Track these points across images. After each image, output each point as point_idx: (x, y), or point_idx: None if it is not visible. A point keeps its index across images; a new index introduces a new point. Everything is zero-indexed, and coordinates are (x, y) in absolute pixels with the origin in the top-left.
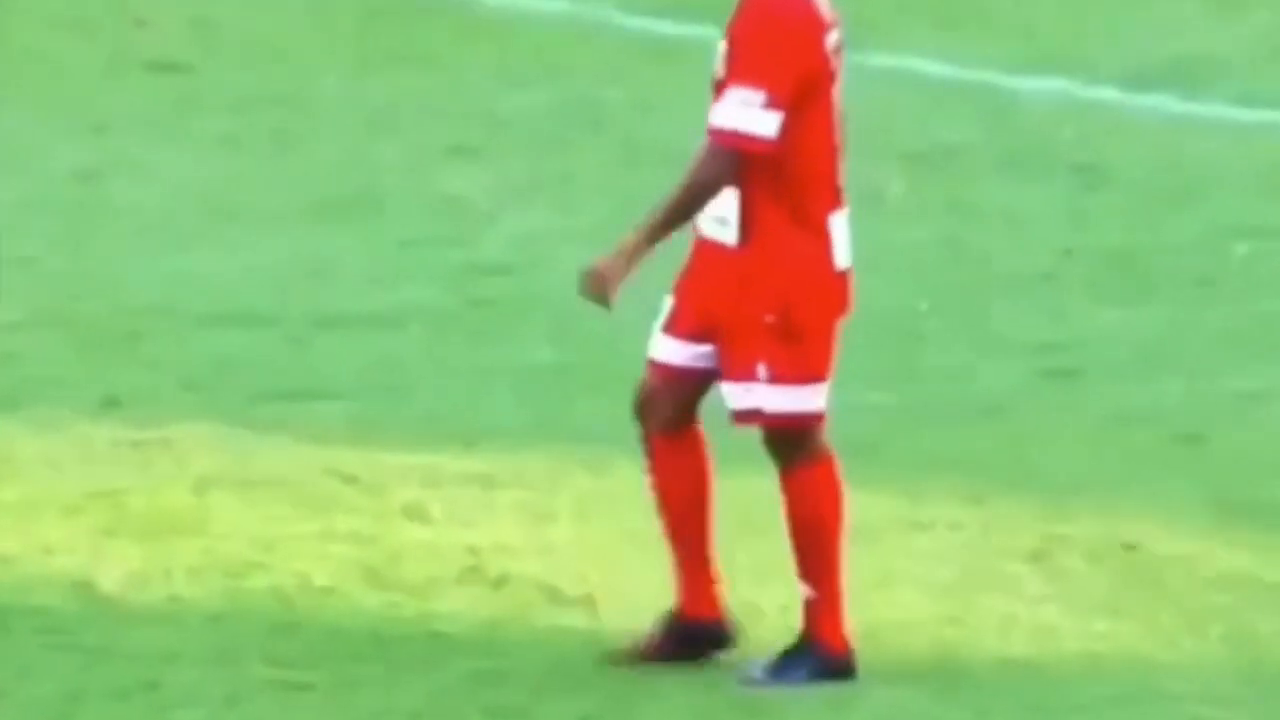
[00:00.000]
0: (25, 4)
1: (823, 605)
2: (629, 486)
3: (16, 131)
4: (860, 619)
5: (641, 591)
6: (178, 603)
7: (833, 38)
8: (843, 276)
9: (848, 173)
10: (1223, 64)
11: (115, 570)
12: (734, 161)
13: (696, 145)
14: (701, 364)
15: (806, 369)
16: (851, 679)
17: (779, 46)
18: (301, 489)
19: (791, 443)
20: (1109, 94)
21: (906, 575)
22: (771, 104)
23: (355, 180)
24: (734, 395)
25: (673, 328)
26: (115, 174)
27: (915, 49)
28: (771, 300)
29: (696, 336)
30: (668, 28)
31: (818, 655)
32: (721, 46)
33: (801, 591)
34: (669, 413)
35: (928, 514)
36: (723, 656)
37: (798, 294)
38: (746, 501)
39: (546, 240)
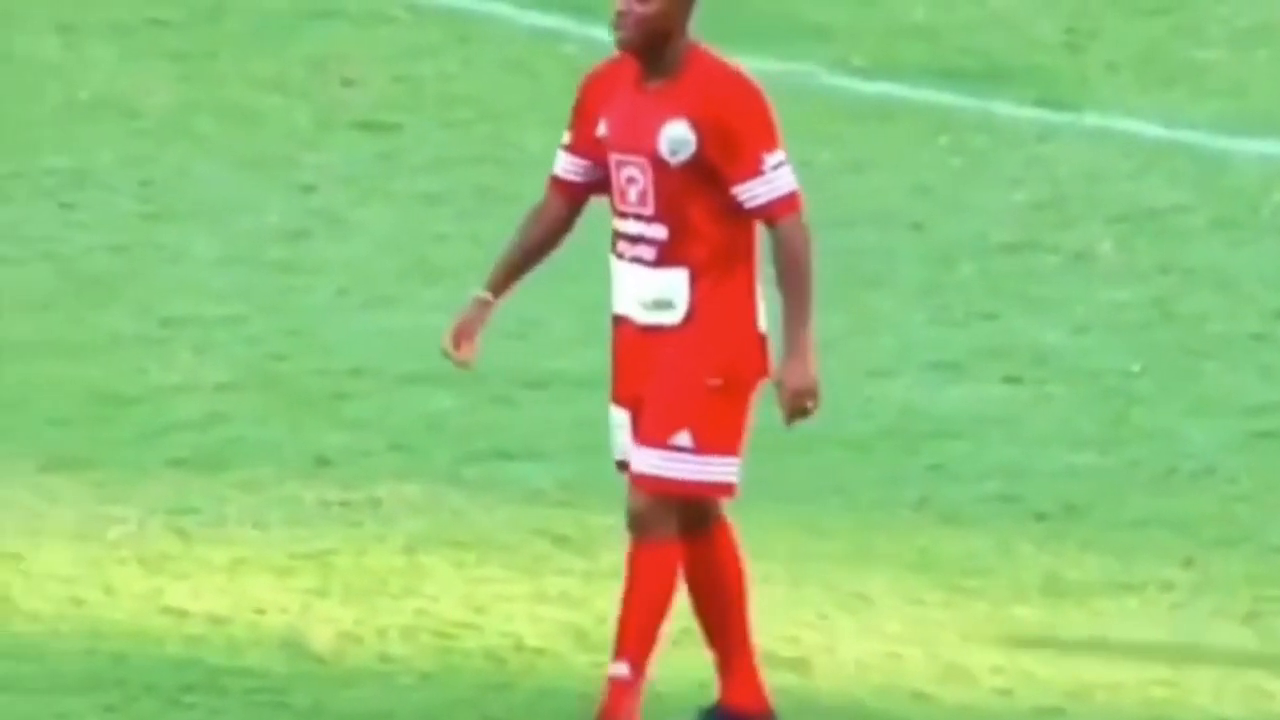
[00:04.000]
0: (235, 64)
1: (633, 685)
2: (841, 547)
3: (225, 190)
4: (1071, 679)
5: (855, 654)
6: (389, 663)
7: None
8: (765, 339)
9: (1059, 233)
10: None
11: (326, 631)
12: (805, 218)
13: (905, 204)
14: None
15: (727, 441)
16: None
17: (770, 109)
18: (512, 550)
19: (674, 513)
20: None
21: (1117, 636)
22: (788, 159)
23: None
24: (649, 461)
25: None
26: (321, 232)
27: (1126, 109)
28: (716, 365)
29: None
30: (876, 88)
31: None
32: (678, 132)
33: (615, 670)
34: (686, 515)
35: (1139, 575)
36: None
37: (741, 359)
38: (955, 564)
39: None
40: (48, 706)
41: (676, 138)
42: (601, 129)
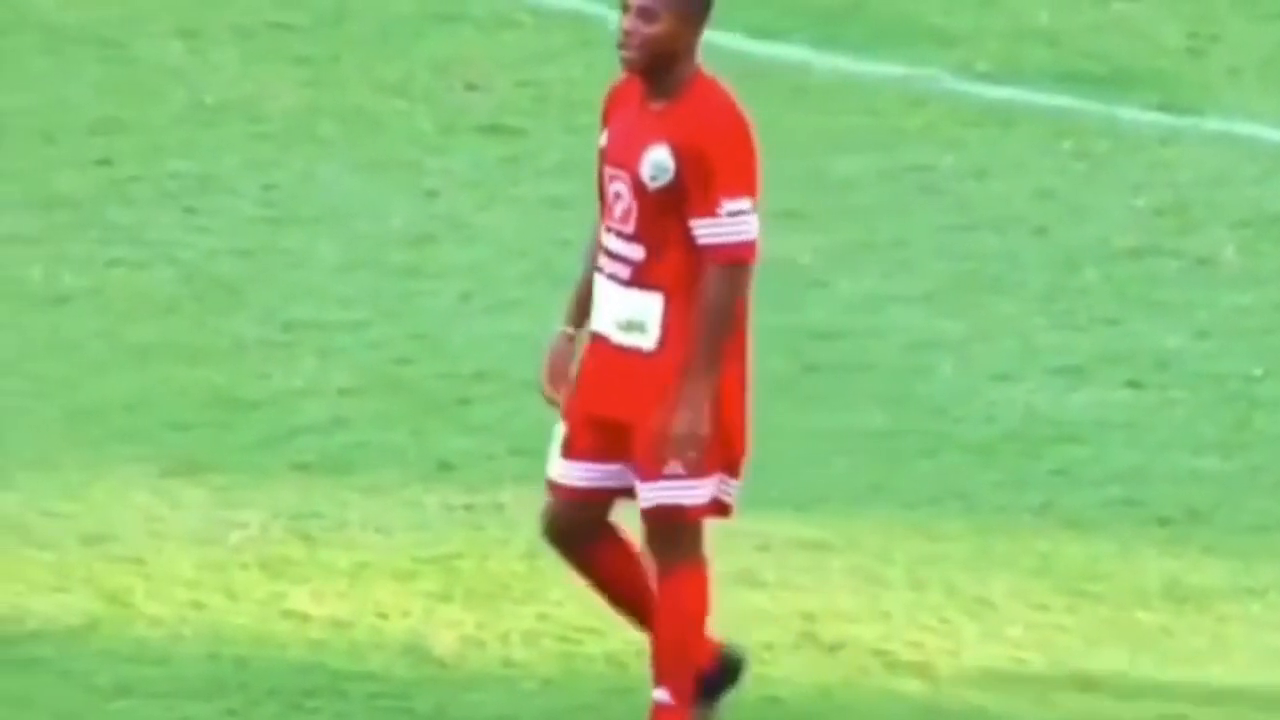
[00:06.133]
0: (359, 68)
1: (678, 712)
2: (963, 551)
3: (348, 194)
4: (1193, 684)
5: (977, 658)
6: (511, 668)
7: None
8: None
9: (1181, 238)
10: None
11: (448, 635)
12: (746, 271)
13: (1028, 209)
14: (610, 483)
15: (720, 463)
16: None
17: (751, 153)
18: None
19: (690, 538)
20: None
21: (1240, 641)
22: (755, 208)
23: None
24: (649, 495)
25: (574, 450)
26: (445, 236)
27: (1249, 114)
28: None
29: (602, 455)
30: (1000, 93)
31: None
32: (658, 157)
33: (657, 696)
34: (586, 531)
35: (1261, 579)
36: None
37: (723, 396)
38: (1077, 569)
39: (879, 304)
40: (170, 710)
41: (657, 163)
42: (602, 139)
